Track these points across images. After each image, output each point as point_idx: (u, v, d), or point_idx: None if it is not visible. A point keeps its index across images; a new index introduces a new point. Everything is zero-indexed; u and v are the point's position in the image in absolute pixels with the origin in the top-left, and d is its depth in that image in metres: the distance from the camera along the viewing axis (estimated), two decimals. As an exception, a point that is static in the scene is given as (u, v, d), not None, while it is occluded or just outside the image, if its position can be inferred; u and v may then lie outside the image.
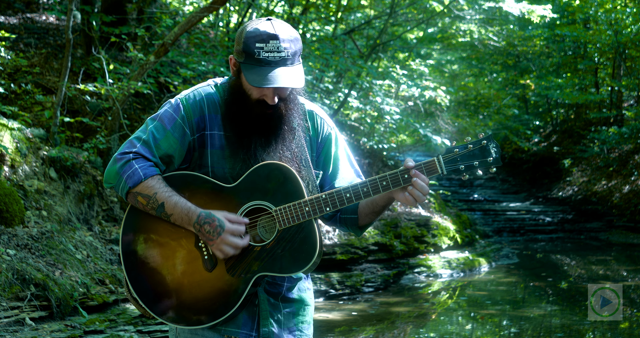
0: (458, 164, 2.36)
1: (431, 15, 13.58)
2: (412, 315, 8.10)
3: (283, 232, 2.37)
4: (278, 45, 2.32)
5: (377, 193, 2.37)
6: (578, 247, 13.68)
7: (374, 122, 11.84)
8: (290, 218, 2.35)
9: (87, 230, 6.60)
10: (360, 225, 2.57)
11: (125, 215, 2.45)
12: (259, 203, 2.39)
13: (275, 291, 2.48)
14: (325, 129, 2.60)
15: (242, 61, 2.36)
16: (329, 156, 2.58)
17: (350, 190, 2.37)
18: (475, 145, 2.38)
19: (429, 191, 2.37)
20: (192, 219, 2.33)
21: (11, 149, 6.15)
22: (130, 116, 8.18)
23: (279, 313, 2.48)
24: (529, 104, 21.82)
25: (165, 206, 2.35)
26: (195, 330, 2.45)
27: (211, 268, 2.37)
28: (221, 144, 2.43)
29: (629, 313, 7.91)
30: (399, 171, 2.37)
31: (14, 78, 7.94)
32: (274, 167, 2.38)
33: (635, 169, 15.61)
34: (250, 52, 2.33)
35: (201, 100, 2.46)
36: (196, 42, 10.28)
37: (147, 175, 2.37)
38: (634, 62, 17.82)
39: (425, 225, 10.90)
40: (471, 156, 2.37)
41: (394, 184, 2.36)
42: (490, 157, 2.38)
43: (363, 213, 2.54)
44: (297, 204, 2.36)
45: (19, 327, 4.91)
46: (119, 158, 2.39)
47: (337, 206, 2.37)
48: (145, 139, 2.41)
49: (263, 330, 2.45)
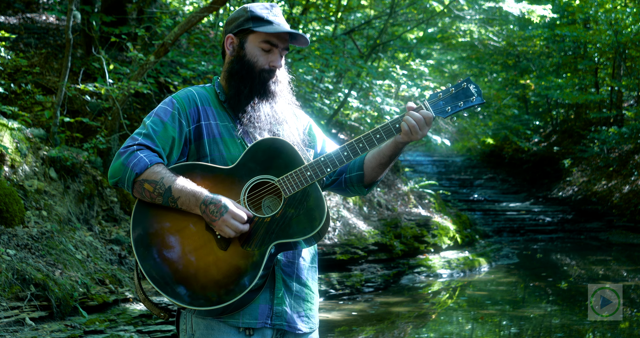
0: (444, 107, 2.48)
1: (431, 15, 13.58)
2: (412, 315, 8.10)
3: (290, 200, 2.42)
4: (279, 12, 2.55)
5: (373, 147, 2.47)
6: (578, 247, 13.68)
7: (374, 122, 11.84)
8: (294, 184, 2.42)
9: (87, 230, 6.60)
10: (367, 181, 2.66)
11: (134, 211, 2.47)
12: (262, 177, 2.45)
13: (289, 269, 2.52)
14: (304, 118, 2.75)
15: (251, 26, 2.52)
16: (314, 138, 2.72)
17: (347, 148, 2.47)
18: (457, 88, 2.49)
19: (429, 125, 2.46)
20: (199, 200, 2.37)
21: (11, 149, 6.15)
22: (130, 116, 8.18)
23: (290, 295, 2.52)
24: (529, 104, 21.82)
25: (172, 189, 2.38)
26: (212, 325, 2.46)
27: (226, 247, 2.39)
28: (218, 132, 2.52)
29: (629, 313, 7.91)
30: (390, 121, 2.47)
31: (14, 78, 7.93)
32: (269, 142, 2.47)
33: (635, 169, 15.61)
34: (259, 16, 2.52)
35: (193, 94, 2.57)
36: (196, 42, 10.29)
37: (152, 162, 2.41)
38: (634, 62, 17.82)
39: (425, 224, 10.90)
40: (454, 98, 2.49)
41: (387, 135, 2.47)
42: (473, 96, 2.49)
43: (369, 167, 2.63)
44: (299, 170, 2.42)
45: (19, 327, 4.91)
46: (123, 152, 2.44)
47: (337, 165, 2.45)
48: (146, 133, 2.47)
49: (276, 308, 2.48)
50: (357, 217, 10.18)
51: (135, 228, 2.45)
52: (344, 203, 10.01)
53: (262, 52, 2.52)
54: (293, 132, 2.61)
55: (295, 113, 2.72)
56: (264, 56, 2.52)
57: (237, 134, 2.52)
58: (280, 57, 2.55)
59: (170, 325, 5.87)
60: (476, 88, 2.49)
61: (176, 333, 5.89)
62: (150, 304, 2.51)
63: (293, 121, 2.65)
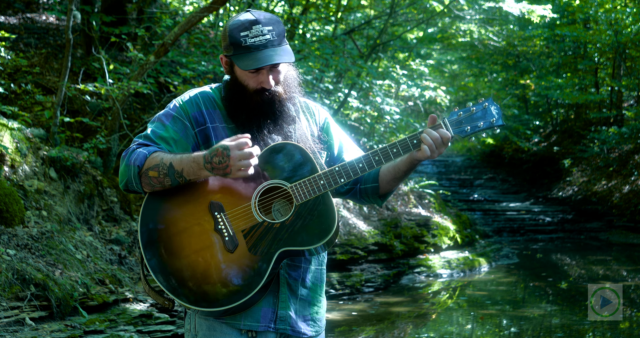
0: (464, 126, 2.48)
1: (431, 15, 13.58)
2: (412, 315, 8.10)
3: (300, 207, 2.41)
4: (261, 29, 2.41)
5: (389, 160, 2.47)
6: (578, 247, 13.68)
7: (374, 122, 11.84)
8: (307, 192, 2.41)
9: (87, 230, 6.60)
10: (382, 193, 2.65)
11: (143, 206, 2.46)
12: (274, 182, 2.43)
13: (295, 273, 2.51)
14: (322, 116, 2.70)
15: (232, 54, 2.44)
16: (331, 138, 2.67)
17: (363, 160, 2.46)
18: (478, 107, 2.48)
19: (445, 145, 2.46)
20: (201, 161, 2.33)
21: (11, 149, 6.15)
22: (130, 116, 8.18)
23: (295, 299, 2.51)
24: (529, 104, 21.82)
25: (174, 165, 2.37)
26: (214, 326, 2.46)
27: (233, 249, 2.39)
28: (226, 134, 2.49)
29: (629, 313, 7.91)
30: (407, 136, 2.46)
31: (14, 78, 7.93)
32: (284, 146, 2.44)
33: (635, 169, 15.61)
34: (237, 42, 2.41)
35: (196, 98, 2.54)
36: (196, 42, 10.28)
37: (150, 151, 2.42)
38: (634, 62, 17.82)
39: (425, 224, 10.90)
40: (475, 118, 2.49)
41: (404, 150, 2.46)
42: (493, 118, 2.48)
43: (384, 180, 2.62)
44: (312, 178, 2.41)
45: (19, 327, 4.91)
46: (124, 155, 2.45)
47: (351, 176, 2.45)
48: (146, 135, 2.49)
49: (280, 312, 2.47)
50: (357, 217, 10.18)
51: (142, 223, 2.44)
52: (344, 203, 10.01)
53: (250, 75, 2.45)
54: (304, 138, 2.56)
55: (311, 111, 2.67)
56: (254, 79, 2.45)
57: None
58: (274, 73, 2.46)
59: (170, 325, 5.87)
60: (497, 109, 2.48)
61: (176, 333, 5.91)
62: (154, 293, 2.51)
63: (305, 125, 2.61)
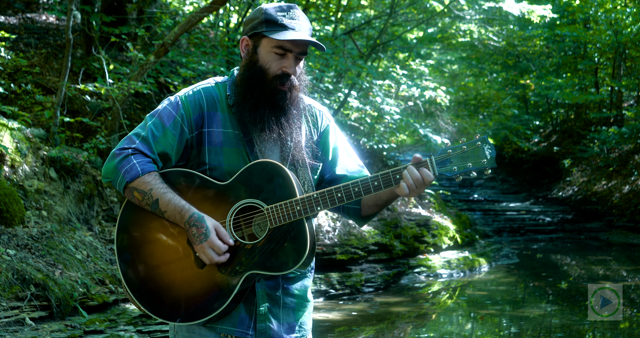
0: (451, 166, 2.33)
1: (431, 15, 13.57)
2: (412, 315, 8.10)
3: (274, 230, 2.36)
4: (298, 14, 2.42)
5: (368, 193, 2.37)
6: (578, 247, 13.68)
7: (374, 122, 11.84)
8: (282, 216, 2.35)
9: (87, 230, 6.60)
10: (363, 215, 2.59)
11: (121, 211, 2.46)
12: (251, 201, 2.38)
13: (273, 283, 2.46)
14: (323, 122, 2.62)
15: (264, 30, 2.39)
16: (327, 145, 2.60)
17: (342, 189, 2.36)
18: (469, 146, 2.33)
19: (427, 184, 2.34)
20: (184, 218, 2.34)
21: (11, 149, 6.15)
22: (130, 116, 8.18)
23: (278, 308, 2.46)
24: (529, 104, 21.82)
25: (159, 202, 2.36)
26: (192, 328, 2.45)
27: (202, 265, 2.37)
28: (220, 141, 2.44)
29: (629, 313, 7.91)
30: (390, 171, 2.36)
31: (14, 78, 7.93)
32: (267, 165, 2.38)
33: (635, 169, 15.61)
34: (273, 19, 2.39)
35: (200, 98, 2.47)
36: (196, 42, 10.28)
37: (144, 171, 2.37)
38: (634, 62, 17.82)
39: (425, 225, 10.90)
40: (465, 158, 2.33)
41: (385, 185, 2.36)
42: (484, 159, 2.32)
43: (366, 204, 2.56)
44: (289, 203, 2.34)
45: (19, 327, 4.91)
46: (118, 153, 2.40)
47: (329, 206, 2.37)
48: (144, 136, 2.42)
49: (259, 326, 2.43)
50: (357, 217, 10.17)
51: (119, 229, 2.45)
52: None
53: (276, 57, 2.40)
54: (298, 147, 2.50)
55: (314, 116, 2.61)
56: (277, 62, 2.40)
57: (240, 143, 2.45)
58: (297, 61, 2.42)
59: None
60: (490, 150, 2.32)
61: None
62: (132, 298, 2.49)
63: (303, 132, 2.54)
